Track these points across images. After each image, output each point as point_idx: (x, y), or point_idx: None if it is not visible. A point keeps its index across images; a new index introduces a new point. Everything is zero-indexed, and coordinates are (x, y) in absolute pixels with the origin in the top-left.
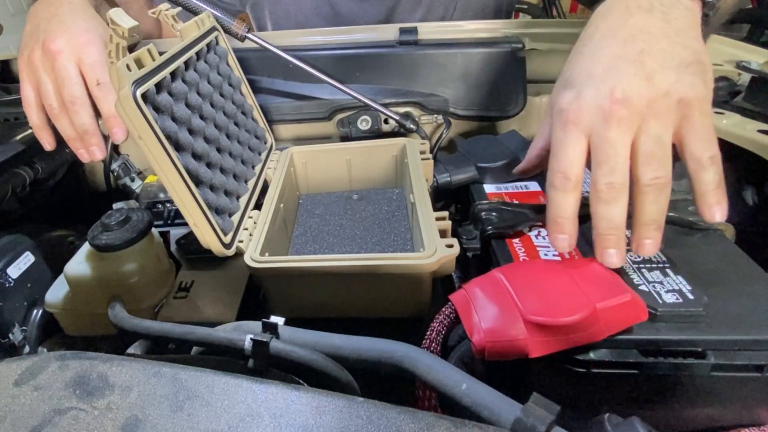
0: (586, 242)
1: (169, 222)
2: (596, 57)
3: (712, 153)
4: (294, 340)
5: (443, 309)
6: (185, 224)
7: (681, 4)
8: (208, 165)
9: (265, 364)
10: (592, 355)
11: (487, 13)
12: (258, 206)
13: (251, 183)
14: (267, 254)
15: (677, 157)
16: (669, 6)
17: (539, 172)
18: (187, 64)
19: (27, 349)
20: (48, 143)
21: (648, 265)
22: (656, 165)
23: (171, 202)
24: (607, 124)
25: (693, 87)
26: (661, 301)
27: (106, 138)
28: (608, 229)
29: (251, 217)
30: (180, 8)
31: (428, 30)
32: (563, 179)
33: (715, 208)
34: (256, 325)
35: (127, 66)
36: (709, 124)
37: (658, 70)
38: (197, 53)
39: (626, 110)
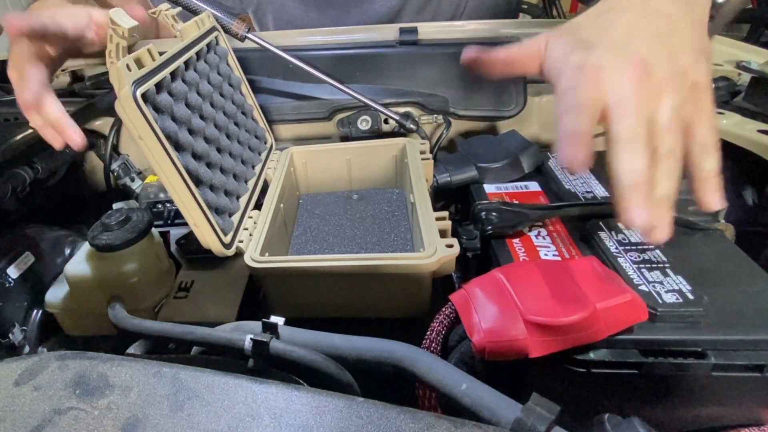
0: (584, 241)
1: (169, 222)
2: (616, 26)
3: (715, 140)
4: (294, 340)
5: (443, 309)
6: (185, 224)
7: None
8: (208, 165)
9: (265, 364)
10: (592, 355)
11: (497, 13)
12: (258, 206)
13: (251, 183)
14: (267, 254)
15: None
16: None
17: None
18: (187, 64)
19: (27, 349)
20: (57, 142)
21: (648, 265)
22: (674, 136)
23: (171, 202)
24: (630, 86)
25: (706, 74)
26: (661, 301)
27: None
28: (634, 182)
29: (251, 217)
30: (180, 8)
31: (428, 30)
32: (577, 110)
33: (717, 196)
34: (256, 325)
35: (127, 66)
36: (713, 112)
37: (679, 49)
38: (197, 53)
39: (648, 77)
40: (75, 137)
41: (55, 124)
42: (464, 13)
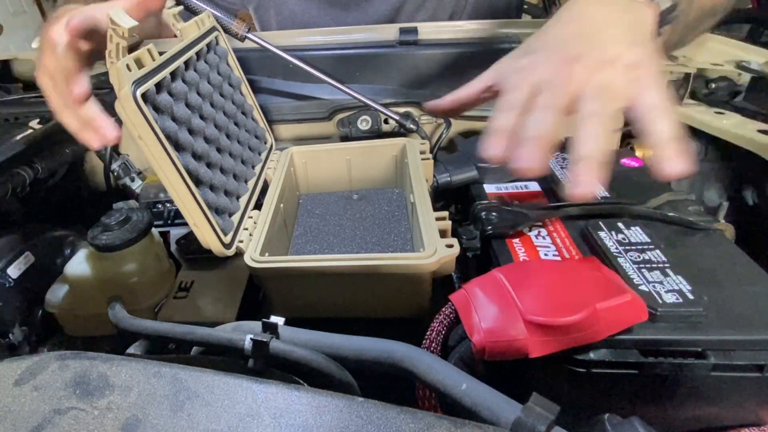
0: (584, 241)
1: (169, 222)
2: (553, 33)
3: (666, 105)
4: (294, 340)
5: (443, 309)
6: (185, 224)
7: (636, 5)
8: (208, 165)
9: (265, 364)
10: (592, 355)
11: (497, 10)
12: (258, 206)
13: (251, 183)
14: (267, 254)
15: None
16: (625, 4)
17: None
18: (187, 64)
19: (27, 349)
20: (95, 142)
21: (648, 265)
22: (598, 103)
23: (171, 202)
24: (555, 72)
25: (641, 56)
26: (661, 301)
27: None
28: (534, 134)
29: (251, 217)
30: (181, 7)
31: (428, 30)
32: (509, 107)
33: (674, 160)
34: (256, 325)
35: (127, 66)
36: (659, 84)
37: (608, 42)
38: (197, 53)
39: (576, 65)
40: (114, 132)
41: (94, 123)
42: (465, 10)
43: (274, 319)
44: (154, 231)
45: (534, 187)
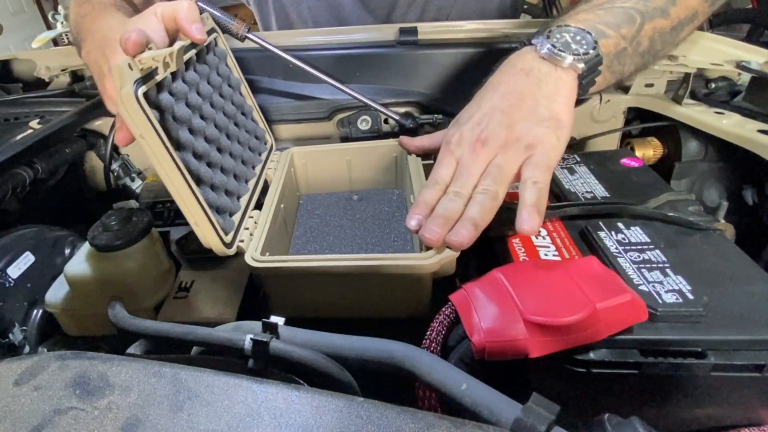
0: (584, 241)
1: (169, 222)
2: (480, 105)
3: (536, 179)
4: (294, 340)
5: (443, 309)
6: (185, 224)
7: (553, 75)
8: (209, 165)
9: (265, 364)
10: (592, 355)
11: (487, 15)
12: (258, 206)
13: (252, 183)
14: (267, 254)
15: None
16: (544, 74)
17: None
18: (187, 64)
19: (27, 349)
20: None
21: (648, 265)
22: (490, 180)
23: (171, 202)
24: (470, 156)
25: (542, 137)
26: (661, 301)
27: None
28: (441, 213)
29: (252, 217)
30: None
31: (428, 30)
32: (435, 183)
33: (524, 222)
34: (256, 325)
35: (129, 65)
36: (545, 164)
37: (518, 121)
38: (197, 55)
39: (484, 148)
40: None
41: None
42: (454, 7)
43: (274, 319)
44: (154, 231)
45: None
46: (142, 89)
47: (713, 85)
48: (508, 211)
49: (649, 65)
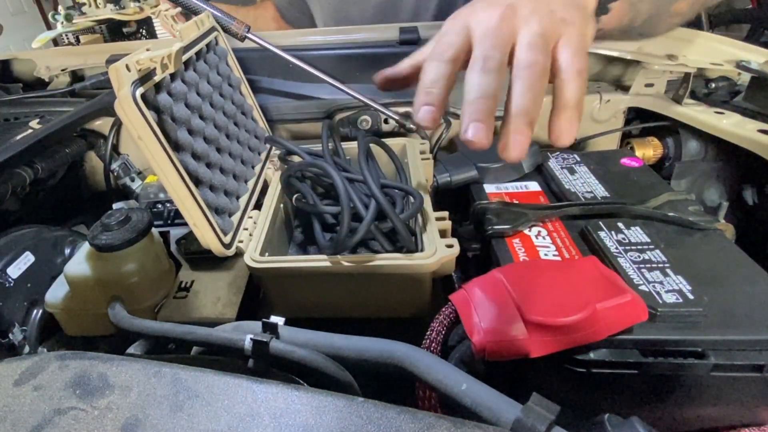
0: (584, 241)
1: (169, 222)
2: None
3: (580, 67)
4: (294, 340)
5: (443, 309)
6: (185, 224)
7: None
8: (208, 165)
9: (265, 364)
10: (592, 355)
11: None
12: (258, 206)
13: (251, 183)
14: (267, 254)
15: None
16: None
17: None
18: (186, 64)
19: (27, 349)
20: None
21: (648, 265)
22: (534, 50)
23: (171, 202)
24: (491, 16)
25: (575, 15)
26: (661, 301)
27: None
28: (478, 97)
29: (251, 217)
30: (179, 9)
31: (428, 30)
32: (441, 57)
33: (564, 132)
34: (256, 325)
35: (127, 66)
36: (584, 45)
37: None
38: (197, 53)
39: (512, 14)
40: None
41: None
42: (429, 11)
43: (274, 319)
44: (154, 231)
45: (534, 187)
46: (140, 90)
47: (713, 85)
48: (508, 211)
49: (663, 13)
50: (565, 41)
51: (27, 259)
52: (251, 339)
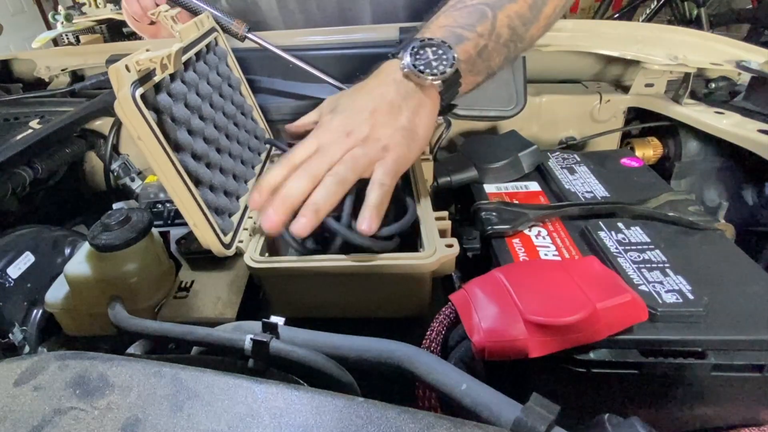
0: (584, 241)
1: (169, 222)
2: (354, 102)
3: (383, 182)
4: (294, 340)
5: (443, 309)
6: (185, 224)
7: (418, 91)
8: (208, 165)
9: (265, 364)
10: (592, 355)
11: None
12: None
13: (251, 183)
14: (267, 254)
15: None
16: (411, 89)
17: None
18: (186, 64)
19: (27, 349)
20: None
21: (648, 265)
22: (343, 166)
23: (171, 202)
24: (332, 141)
25: (397, 143)
26: (661, 301)
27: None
28: (283, 197)
29: (251, 217)
30: (179, 9)
31: None
32: (286, 162)
33: (364, 222)
34: (256, 325)
35: (126, 67)
36: (394, 169)
37: (382, 124)
38: (196, 54)
39: (348, 138)
40: None
41: None
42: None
43: (274, 319)
44: (154, 231)
45: (534, 187)
46: (139, 91)
47: (713, 85)
48: (508, 211)
49: (522, 51)
50: (380, 163)
51: (27, 259)
52: (251, 339)
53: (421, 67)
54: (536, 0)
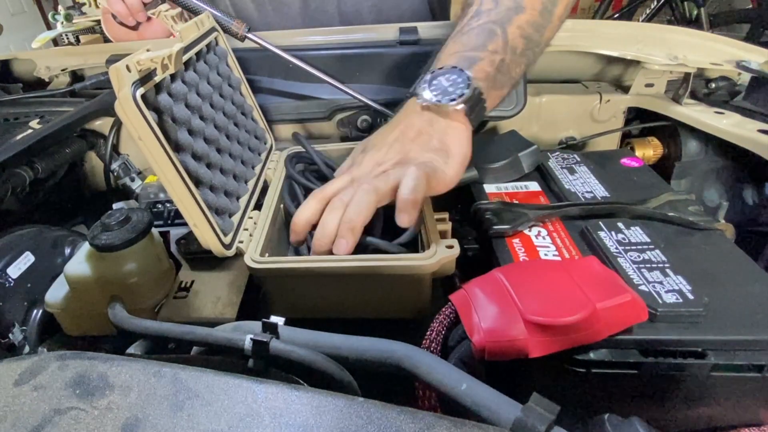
0: (584, 241)
1: (169, 222)
2: (384, 138)
3: (412, 175)
4: (294, 340)
5: (443, 309)
6: (185, 224)
7: (443, 116)
8: (208, 165)
9: (265, 364)
10: (592, 355)
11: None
12: (258, 207)
13: (251, 183)
14: (267, 254)
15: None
16: (435, 118)
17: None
18: (186, 65)
19: (27, 349)
20: None
21: (648, 265)
22: (374, 181)
23: (171, 202)
24: (366, 172)
25: (430, 160)
26: (661, 301)
27: None
28: (321, 234)
29: (251, 218)
30: (179, 9)
31: (429, 29)
32: (321, 195)
33: (402, 217)
34: (256, 325)
35: (127, 67)
36: (423, 171)
37: (412, 149)
38: (197, 54)
39: (380, 167)
40: None
41: None
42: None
43: (274, 319)
44: (154, 231)
45: (534, 187)
46: (140, 91)
47: (713, 85)
48: (508, 212)
49: (541, 54)
50: (384, 187)
51: (27, 259)
52: (251, 339)
53: (439, 97)
54: (545, 5)
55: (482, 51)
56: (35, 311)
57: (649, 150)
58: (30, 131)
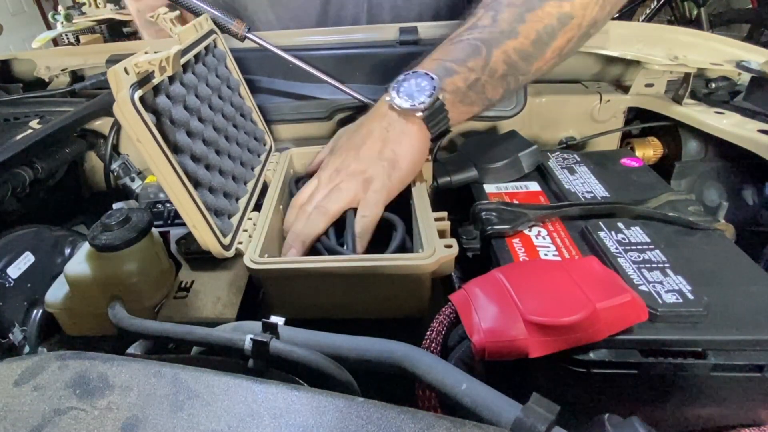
0: (584, 241)
1: (169, 222)
2: (348, 141)
3: (363, 213)
4: (294, 340)
5: (443, 309)
6: (185, 224)
7: (401, 121)
8: (207, 167)
9: (265, 364)
10: (592, 355)
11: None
12: (257, 208)
13: (250, 185)
14: (266, 255)
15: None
16: (394, 119)
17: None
18: (185, 66)
19: (27, 349)
20: None
21: (648, 265)
22: (327, 199)
23: (171, 202)
24: (326, 179)
25: (378, 174)
26: (661, 301)
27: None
28: (294, 235)
29: (250, 219)
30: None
31: (429, 29)
32: (294, 204)
33: (348, 250)
34: (256, 325)
35: (125, 69)
36: (375, 201)
37: (366, 157)
38: (195, 56)
39: (338, 174)
40: None
41: None
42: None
43: (274, 319)
44: (154, 231)
45: (534, 187)
46: (138, 93)
47: (713, 85)
48: (508, 212)
49: (527, 82)
50: (364, 200)
51: (27, 259)
52: (251, 339)
53: (404, 98)
54: (540, 35)
55: (460, 65)
56: (35, 311)
57: (649, 150)
58: (30, 131)
